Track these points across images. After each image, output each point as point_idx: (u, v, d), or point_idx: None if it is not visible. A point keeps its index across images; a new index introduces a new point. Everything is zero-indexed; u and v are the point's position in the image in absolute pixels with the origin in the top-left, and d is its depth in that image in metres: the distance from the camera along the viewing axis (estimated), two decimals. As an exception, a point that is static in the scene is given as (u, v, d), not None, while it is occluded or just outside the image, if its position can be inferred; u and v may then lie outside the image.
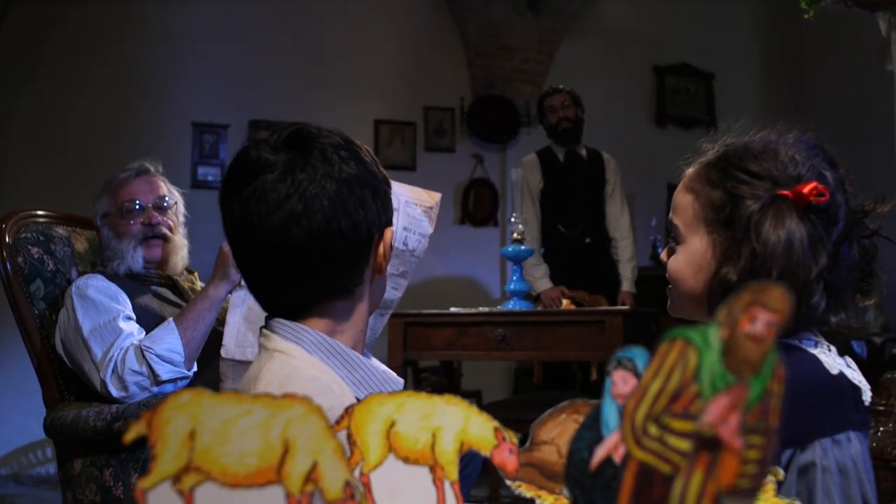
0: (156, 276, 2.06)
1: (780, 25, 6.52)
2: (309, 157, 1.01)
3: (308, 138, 1.03)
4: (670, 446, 0.45)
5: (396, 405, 0.67)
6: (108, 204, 2.07)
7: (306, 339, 1.02)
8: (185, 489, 0.55)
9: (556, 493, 0.72)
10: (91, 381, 1.83)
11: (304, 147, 1.02)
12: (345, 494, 0.55)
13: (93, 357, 1.82)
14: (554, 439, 0.73)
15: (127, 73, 5.23)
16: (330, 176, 1.00)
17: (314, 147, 1.02)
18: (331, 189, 1.00)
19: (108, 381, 1.78)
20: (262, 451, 0.55)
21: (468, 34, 6.03)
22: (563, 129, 4.42)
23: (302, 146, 1.02)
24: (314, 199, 0.99)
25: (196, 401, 0.55)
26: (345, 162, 1.02)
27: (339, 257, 1.02)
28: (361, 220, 1.02)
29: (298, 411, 0.56)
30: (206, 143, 5.32)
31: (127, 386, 1.78)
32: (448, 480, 0.66)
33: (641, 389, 0.48)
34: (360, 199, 1.02)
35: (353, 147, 1.05)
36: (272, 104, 5.48)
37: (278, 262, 1.02)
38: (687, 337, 0.46)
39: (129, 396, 1.78)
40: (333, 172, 1.00)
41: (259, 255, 1.03)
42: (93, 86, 5.17)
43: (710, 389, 0.45)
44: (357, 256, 1.04)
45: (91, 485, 1.74)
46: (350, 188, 1.01)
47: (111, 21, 5.22)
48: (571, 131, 4.44)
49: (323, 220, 0.99)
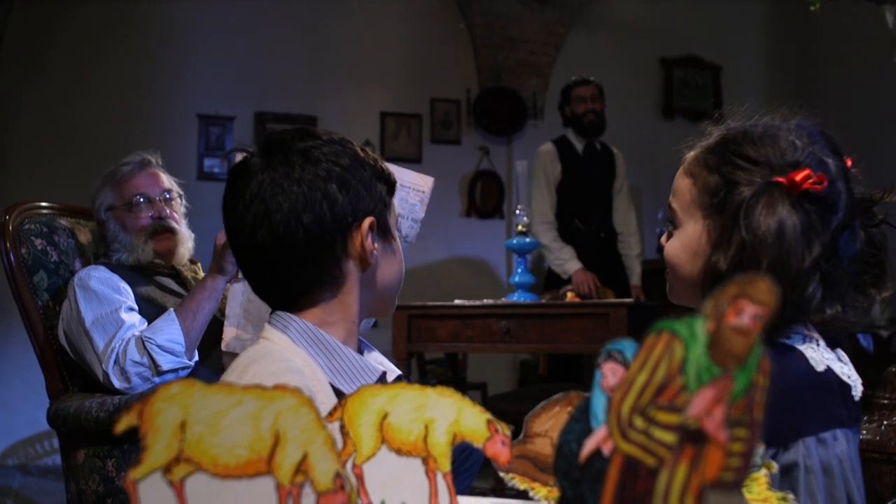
0: (159, 267, 2.07)
1: (786, 16, 6.48)
2: (272, 161, 1.07)
3: (277, 142, 1.08)
4: (656, 439, 0.45)
5: (389, 397, 0.67)
6: (113, 197, 2.07)
7: (293, 327, 1.07)
8: (176, 480, 0.55)
9: (550, 486, 0.72)
10: (94, 371, 1.84)
11: (271, 151, 1.08)
12: (335, 486, 0.55)
13: (95, 348, 1.83)
14: (548, 431, 0.73)
15: (134, 65, 5.23)
16: (289, 176, 1.05)
17: (279, 150, 1.07)
18: (289, 188, 1.04)
19: (110, 373, 1.79)
20: (253, 442, 0.55)
21: (474, 26, 6.02)
22: (588, 121, 4.36)
23: (270, 150, 1.08)
24: (272, 199, 1.05)
25: (187, 392, 0.55)
26: (309, 161, 1.06)
27: (304, 252, 1.06)
28: (324, 214, 1.05)
29: (289, 403, 0.56)
30: (212, 135, 5.33)
31: (129, 377, 1.79)
32: (440, 472, 0.66)
33: (627, 382, 0.47)
34: (324, 194, 1.05)
35: (328, 145, 1.07)
36: (278, 96, 5.48)
37: (255, 260, 1.10)
38: (673, 329, 0.46)
39: (131, 388, 1.79)
40: (293, 173, 1.05)
41: (242, 253, 1.11)
42: (99, 78, 5.17)
43: (695, 382, 0.45)
44: (326, 250, 1.07)
45: (94, 475, 1.75)
46: (311, 186, 1.04)
47: (118, 14, 5.23)
48: (597, 124, 4.39)
49: (282, 219, 1.04)
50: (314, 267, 1.07)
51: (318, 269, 1.07)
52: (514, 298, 3.32)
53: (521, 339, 3.11)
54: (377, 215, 1.09)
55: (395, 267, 1.15)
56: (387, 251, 1.13)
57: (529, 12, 6.05)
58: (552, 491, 0.71)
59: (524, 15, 6.05)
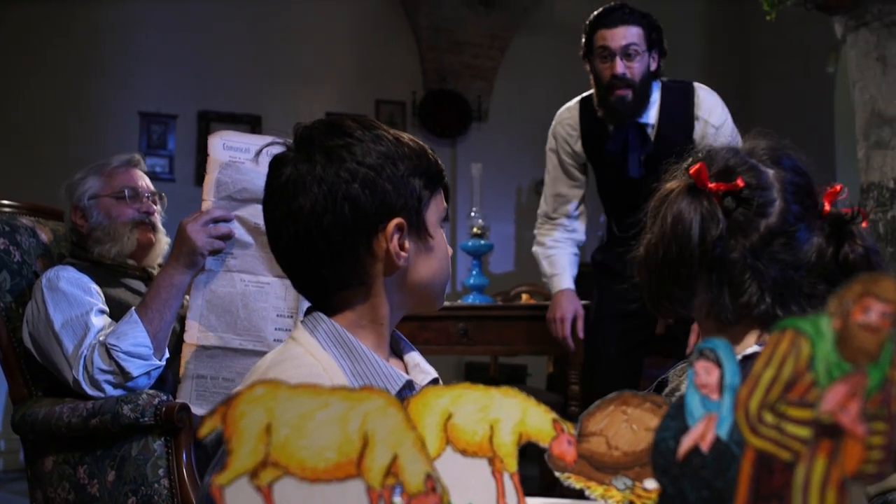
0: (130, 268, 2.02)
1: (728, 25, 6.66)
2: (297, 157, 1.05)
3: (305, 137, 1.07)
4: (788, 434, 0.46)
5: (453, 398, 0.67)
6: (101, 185, 2.02)
7: (321, 329, 1.06)
8: (264, 485, 0.54)
9: (606, 484, 0.73)
10: (63, 376, 1.78)
11: (299, 146, 1.07)
12: (426, 487, 0.55)
13: (64, 352, 1.77)
14: (602, 430, 0.74)
15: (75, 61, 5.09)
16: (311, 174, 1.03)
17: (305, 146, 1.06)
18: (310, 188, 1.03)
19: (80, 380, 1.74)
20: (341, 444, 0.54)
21: (420, 28, 6.03)
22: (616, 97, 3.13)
23: (298, 145, 1.07)
24: (294, 200, 1.04)
25: (272, 394, 0.54)
26: (332, 161, 1.04)
27: (325, 255, 1.04)
28: (345, 216, 1.03)
29: (377, 403, 0.56)
30: (153, 133, 5.22)
31: (100, 385, 1.74)
32: (507, 472, 0.66)
33: (753, 379, 0.48)
34: (345, 195, 1.02)
35: (357, 143, 1.05)
36: (223, 95, 5.39)
37: (283, 260, 1.10)
38: (797, 327, 0.46)
39: (104, 395, 1.74)
40: (315, 171, 1.03)
41: (274, 251, 1.11)
42: (39, 74, 5.02)
43: (826, 378, 0.45)
44: (348, 252, 1.05)
45: (64, 482, 1.70)
46: (332, 186, 1.02)
47: (59, 8, 5.07)
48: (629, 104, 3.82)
49: (303, 220, 1.03)
50: (338, 269, 1.06)
51: (341, 271, 1.06)
52: (468, 300, 3.33)
53: (478, 342, 3.12)
54: (408, 214, 1.06)
55: (434, 265, 1.12)
56: (422, 250, 1.09)
57: (475, 16, 6.08)
58: (608, 490, 0.72)
59: (470, 18, 6.08)
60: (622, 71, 2.53)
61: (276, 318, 1.73)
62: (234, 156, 1.76)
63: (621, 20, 2.56)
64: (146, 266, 2.04)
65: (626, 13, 2.58)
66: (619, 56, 2.54)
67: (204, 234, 1.71)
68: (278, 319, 1.73)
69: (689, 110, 2.61)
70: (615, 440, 0.74)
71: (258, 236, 1.74)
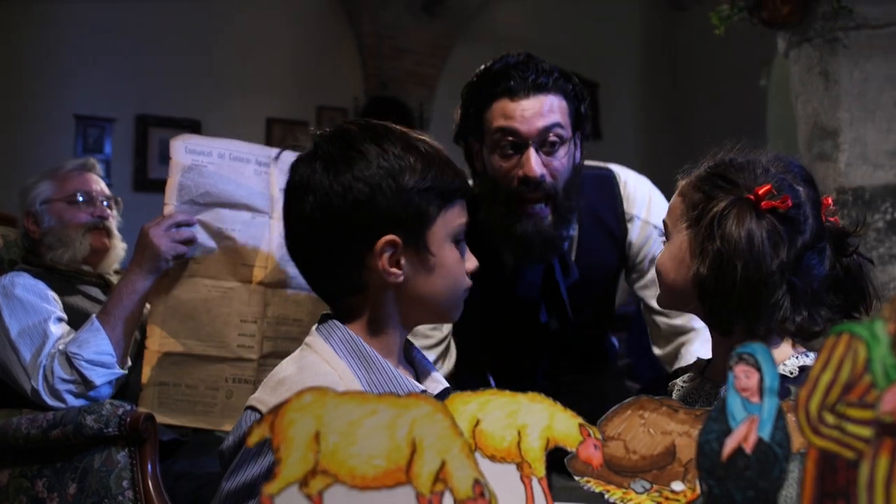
0: (86, 275, 1.96)
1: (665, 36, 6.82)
2: (301, 161, 1.09)
3: (315, 143, 1.09)
4: (850, 433, 0.48)
5: (480, 404, 0.67)
6: (53, 190, 1.97)
7: (336, 336, 1.06)
8: (314, 493, 0.53)
9: (625, 488, 0.74)
10: (21, 387, 1.72)
11: (308, 153, 1.09)
12: (475, 493, 0.55)
13: (22, 361, 1.71)
14: (620, 435, 0.76)
15: (6, 61, 4.92)
16: (309, 183, 1.05)
17: (311, 154, 1.08)
18: (305, 198, 1.05)
19: (40, 390, 1.68)
20: (390, 451, 0.54)
21: (362, 35, 6.01)
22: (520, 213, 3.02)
23: (309, 151, 1.09)
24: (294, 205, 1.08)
25: (320, 401, 0.54)
26: (329, 172, 1.04)
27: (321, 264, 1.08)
28: (334, 230, 1.04)
29: (424, 410, 0.56)
30: (90, 136, 5.09)
31: (61, 395, 1.69)
32: (535, 477, 0.67)
33: (812, 381, 0.50)
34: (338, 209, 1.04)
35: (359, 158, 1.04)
36: (161, 99, 5.29)
37: (292, 257, 1.13)
38: (853, 331, 0.48)
39: (65, 405, 1.69)
40: (314, 179, 1.05)
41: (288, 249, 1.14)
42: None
43: (884, 380, 0.47)
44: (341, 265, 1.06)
45: (21, 496, 1.64)
46: (326, 197, 1.03)
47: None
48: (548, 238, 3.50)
49: (298, 227, 1.08)
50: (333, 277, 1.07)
51: (337, 279, 1.07)
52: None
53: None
54: (406, 231, 1.04)
55: (437, 282, 1.08)
56: (421, 267, 1.07)
57: (417, 23, 6.10)
58: (627, 493, 0.74)
59: (412, 26, 6.10)
60: (539, 172, 1.60)
61: (240, 324, 1.70)
62: (197, 160, 1.72)
63: (536, 86, 1.62)
64: (102, 272, 1.99)
65: (541, 74, 1.63)
66: (532, 146, 1.60)
67: (167, 239, 1.67)
68: (242, 325, 1.70)
69: (617, 210, 1.80)
70: (633, 444, 0.75)
71: (221, 240, 1.71)
